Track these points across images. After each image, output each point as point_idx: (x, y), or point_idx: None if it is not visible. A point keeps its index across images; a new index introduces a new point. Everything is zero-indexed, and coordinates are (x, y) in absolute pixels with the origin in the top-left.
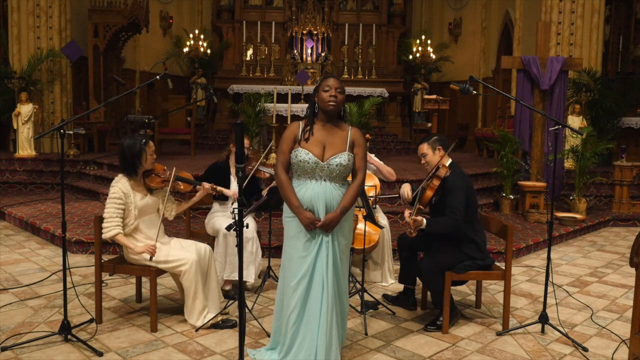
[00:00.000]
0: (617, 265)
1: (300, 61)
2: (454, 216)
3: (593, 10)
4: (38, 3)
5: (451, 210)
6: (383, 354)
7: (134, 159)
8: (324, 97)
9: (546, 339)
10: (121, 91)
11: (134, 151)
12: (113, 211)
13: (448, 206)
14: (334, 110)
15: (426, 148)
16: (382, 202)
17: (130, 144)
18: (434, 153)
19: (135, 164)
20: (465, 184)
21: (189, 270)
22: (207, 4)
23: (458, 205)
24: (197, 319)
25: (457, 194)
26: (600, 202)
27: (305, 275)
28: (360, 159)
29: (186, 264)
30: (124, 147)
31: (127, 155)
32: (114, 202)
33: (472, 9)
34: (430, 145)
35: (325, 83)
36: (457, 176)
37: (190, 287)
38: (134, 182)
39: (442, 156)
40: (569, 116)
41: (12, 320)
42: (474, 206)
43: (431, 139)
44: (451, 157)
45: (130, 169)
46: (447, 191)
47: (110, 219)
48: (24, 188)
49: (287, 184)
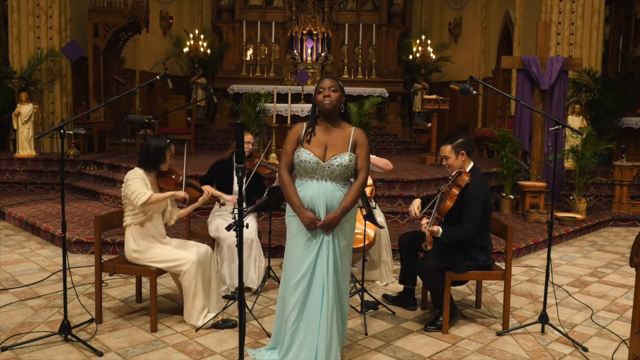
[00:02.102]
0: (617, 265)
1: (300, 61)
2: (469, 225)
3: (593, 10)
4: (38, 3)
5: (468, 219)
6: (383, 354)
7: (159, 155)
8: (319, 99)
9: (546, 339)
10: (121, 91)
11: (160, 147)
12: (138, 184)
13: (465, 214)
14: (330, 108)
15: (449, 151)
16: (382, 202)
17: (157, 141)
18: (457, 157)
19: (159, 160)
20: (484, 192)
21: (189, 270)
22: (207, 4)
23: (475, 214)
24: (197, 319)
25: (476, 204)
26: (600, 202)
27: (306, 274)
28: (363, 160)
29: (186, 263)
30: (151, 142)
31: (152, 150)
32: (136, 180)
33: (472, 9)
34: (453, 148)
35: (319, 85)
36: (477, 184)
37: (190, 287)
38: (149, 178)
39: (465, 160)
40: (569, 116)
41: (12, 320)
42: (488, 214)
43: (455, 142)
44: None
45: (151, 164)
46: (466, 199)
47: (138, 189)
48: (24, 188)
49: (290, 184)
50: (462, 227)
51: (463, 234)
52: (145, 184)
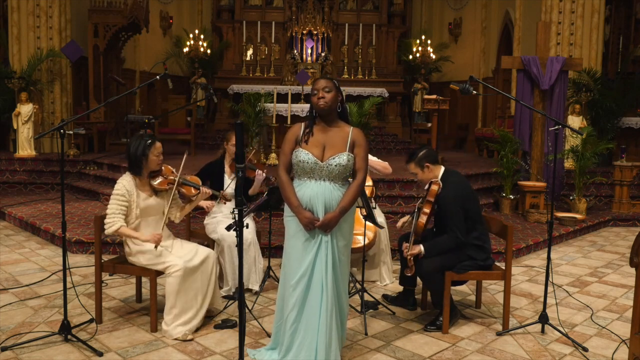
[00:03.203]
0: (617, 265)
1: (300, 61)
2: (453, 234)
3: (593, 10)
4: (38, 3)
5: (450, 228)
6: (383, 354)
7: (138, 159)
8: (314, 101)
9: (546, 339)
10: (121, 91)
11: (138, 151)
12: (116, 207)
13: (446, 224)
14: (325, 108)
15: (414, 168)
16: (382, 202)
17: (136, 143)
18: (423, 171)
19: (140, 164)
20: (459, 195)
21: (174, 276)
22: (207, 4)
23: (456, 222)
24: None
25: (452, 211)
26: (600, 202)
27: (305, 274)
28: (361, 160)
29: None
30: (131, 145)
31: (131, 154)
32: (117, 199)
33: (472, 9)
34: (417, 164)
35: (313, 87)
36: (450, 190)
37: (171, 293)
38: (139, 181)
39: (432, 170)
40: (569, 116)
41: (12, 320)
42: (474, 213)
43: (417, 157)
44: (450, 160)
45: (135, 168)
46: (442, 210)
47: (112, 215)
48: (24, 188)
49: (288, 184)
50: (447, 237)
51: (448, 243)
52: (125, 202)
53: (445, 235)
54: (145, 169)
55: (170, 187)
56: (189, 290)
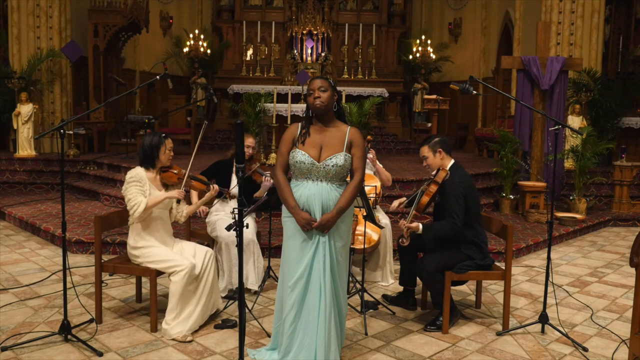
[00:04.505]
0: (617, 265)
1: (300, 61)
2: (452, 220)
3: (593, 10)
4: (38, 3)
5: (450, 214)
6: (383, 354)
7: (153, 148)
8: (309, 101)
9: (546, 339)
10: (121, 91)
11: (153, 141)
12: (135, 190)
13: (447, 210)
14: (322, 108)
15: (427, 151)
16: (383, 202)
17: (150, 136)
18: (435, 156)
19: (153, 155)
20: (465, 187)
21: (179, 275)
22: (207, 4)
23: (456, 209)
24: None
25: (455, 199)
26: (600, 202)
27: (303, 275)
28: (358, 160)
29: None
30: (145, 140)
31: (146, 146)
32: (133, 184)
33: (472, 9)
34: (430, 148)
35: (309, 87)
36: (457, 180)
37: (175, 293)
38: (150, 175)
39: (443, 158)
40: (569, 116)
41: (12, 320)
42: (475, 209)
43: (432, 141)
44: (453, 157)
45: (148, 160)
46: (445, 195)
47: (134, 198)
48: (24, 188)
49: (285, 185)
50: (445, 222)
51: (446, 229)
52: (142, 187)
53: (443, 221)
54: (158, 161)
55: (179, 181)
56: (192, 292)
